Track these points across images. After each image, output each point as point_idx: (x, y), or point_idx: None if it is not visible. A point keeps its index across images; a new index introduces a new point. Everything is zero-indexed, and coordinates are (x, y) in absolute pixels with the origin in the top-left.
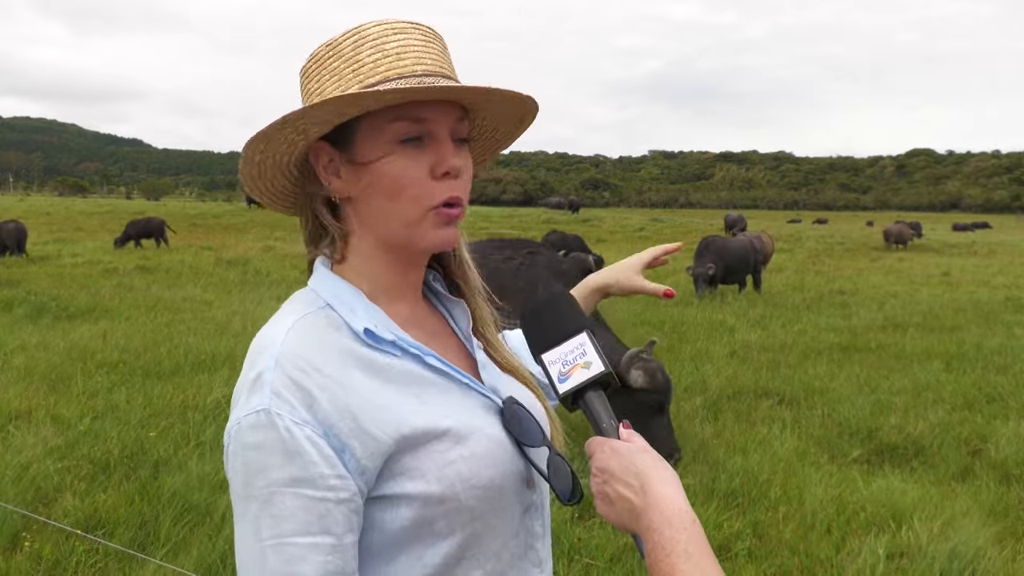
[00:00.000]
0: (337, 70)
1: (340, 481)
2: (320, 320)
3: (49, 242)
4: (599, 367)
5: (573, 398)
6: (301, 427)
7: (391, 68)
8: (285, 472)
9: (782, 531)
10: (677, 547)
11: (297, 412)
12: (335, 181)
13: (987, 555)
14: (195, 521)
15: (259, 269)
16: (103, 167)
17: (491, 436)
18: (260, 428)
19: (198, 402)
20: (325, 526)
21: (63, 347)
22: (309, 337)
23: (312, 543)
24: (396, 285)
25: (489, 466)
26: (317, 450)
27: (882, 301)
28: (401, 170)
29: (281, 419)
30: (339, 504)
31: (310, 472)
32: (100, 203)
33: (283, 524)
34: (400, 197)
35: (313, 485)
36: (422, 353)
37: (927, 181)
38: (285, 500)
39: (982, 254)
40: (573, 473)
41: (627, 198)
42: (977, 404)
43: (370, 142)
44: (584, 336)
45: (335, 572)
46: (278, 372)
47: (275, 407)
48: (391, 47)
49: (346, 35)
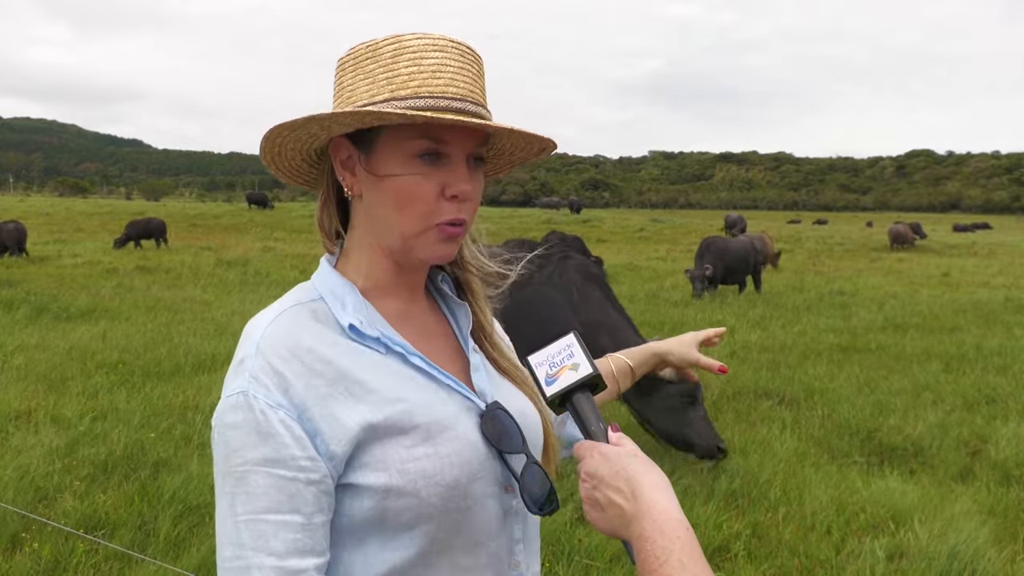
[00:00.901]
0: (372, 73)
1: (311, 463)
2: (307, 312)
3: (49, 242)
4: (587, 369)
5: (561, 401)
6: (275, 410)
7: (423, 84)
8: (259, 452)
9: (782, 532)
10: (671, 557)
11: (272, 395)
12: (349, 177)
13: (987, 556)
14: (195, 522)
15: (259, 270)
16: (103, 168)
17: (463, 437)
18: (238, 409)
19: (198, 403)
20: (295, 505)
21: (63, 347)
22: (292, 326)
23: (282, 520)
24: (390, 283)
25: (456, 466)
26: (290, 432)
27: (882, 302)
28: (412, 185)
29: (257, 401)
30: (309, 485)
31: (282, 453)
32: (100, 204)
33: (256, 501)
34: (405, 210)
35: (284, 465)
36: (406, 352)
37: (927, 182)
38: (258, 479)
39: (982, 255)
40: (551, 484)
41: (627, 199)
42: (977, 405)
43: (389, 151)
44: (571, 337)
45: (304, 549)
46: (258, 358)
47: (252, 390)
48: (428, 63)
49: (388, 41)
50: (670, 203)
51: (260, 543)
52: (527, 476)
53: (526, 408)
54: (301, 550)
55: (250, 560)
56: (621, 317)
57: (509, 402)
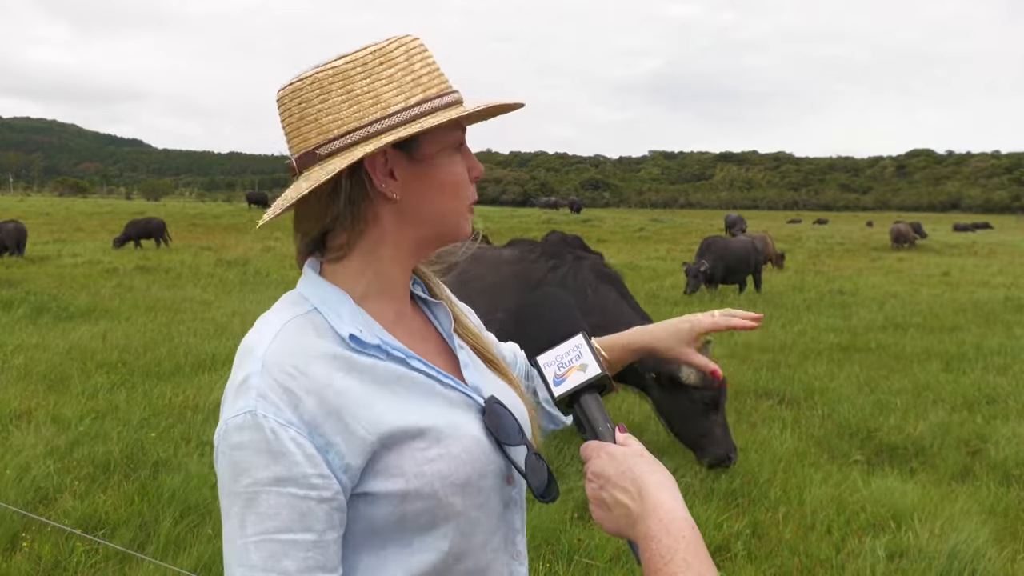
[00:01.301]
0: (394, 78)
1: (322, 480)
2: (307, 324)
3: (49, 242)
4: (595, 370)
5: (569, 401)
6: (286, 428)
7: (441, 82)
8: (270, 472)
9: (782, 531)
10: (676, 556)
11: (283, 413)
12: (391, 183)
13: (987, 555)
14: (195, 521)
15: (259, 269)
16: (103, 167)
17: (471, 435)
18: (246, 429)
19: (198, 402)
20: (307, 524)
21: (63, 347)
22: (295, 341)
23: (293, 540)
24: (395, 283)
25: (467, 463)
26: (301, 450)
27: (882, 301)
28: (460, 172)
29: (267, 420)
30: (321, 503)
31: (293, 472)
32: (100, 203)
33: (267, 521)
34: (459, 195)
35: (296, 484)
36: (406, 356)
37: (927, 181)
38: (269, 499)
39: (982, 254)
40: (550, 471)
41: (627, 198)
42: (977, 404)
43: (436, 147)
44: (580, 338)
45: (316, 567)
46: (264, 376)
47: (261, 409)
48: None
49: (392, 43)
50: (670, 203)
51: (271, 563)
52: (530, 466)
53: (513, 398)
54: (313, 568)
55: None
56: (638, 317)
57: (501, 395)
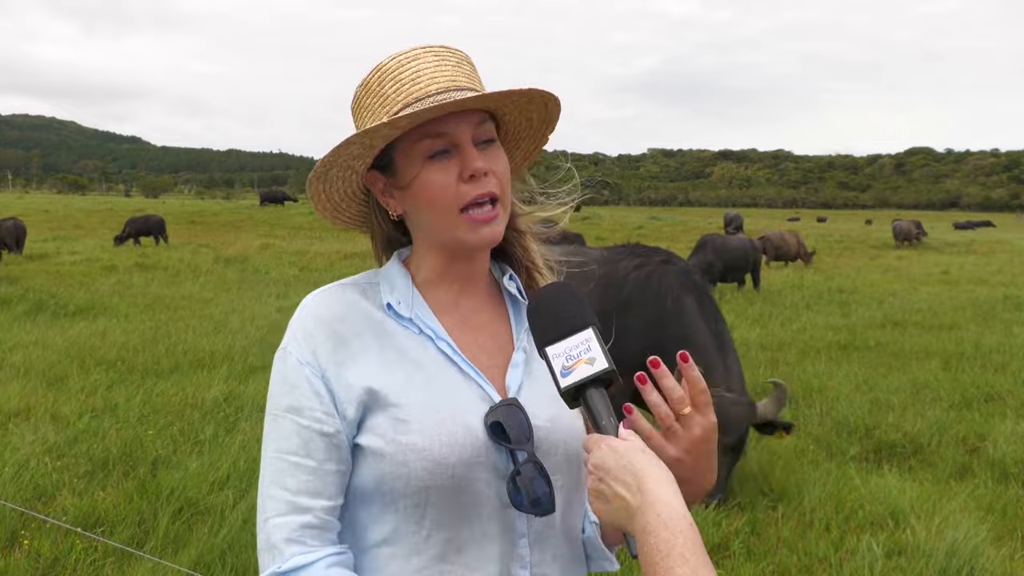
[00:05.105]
0: (370, 106)
1: (326, 416)
2: (356, 289)
3: (48, 240)
4: (603, 364)
5: (574, 393)
6: (303, 366)
7: (409, 94)
8: (286, 400)
9: (780, 529)
10: (673, 551)
11: (304, 353)
12: (391, 202)
13: (985, 553)
14: (193, 519)
15: (258, 267)
16: (102, 165)
17: (461, 422)
18: (279, 361)
19: (197, 400)
20: (309, 451)
21: (62, 345)
22: (334, 298)
23: (297, 462)
24: (443, 275)
25: (445, 445)
26: (311, 387)
27: (881, 299)
28: (432, 183)
29: (291, 356)
30: (322, 436)
31: (302, 403)
32: (99, 201)
33: (281, 442)
34: (436, 205)
35: (301, 414)
36: (435, 336)
37: (926, 179)
38: (284, 423)
39: (981, 252)
40: (549, 487)
41: (626, 196)
42: (975, 402)
43: (404, 163)
44: (590, 332)
45: (314, 492)
46: (300, 321)
47: (291, 346)
48: (405, 75)
49: (372, 72)
50: (669, 200)
51: (278, 477)
52: (523, 470)
53: (561, 415)
54: (311, 491)
55: (268, 491)
56: (710, 335)
57: (542, 405)
